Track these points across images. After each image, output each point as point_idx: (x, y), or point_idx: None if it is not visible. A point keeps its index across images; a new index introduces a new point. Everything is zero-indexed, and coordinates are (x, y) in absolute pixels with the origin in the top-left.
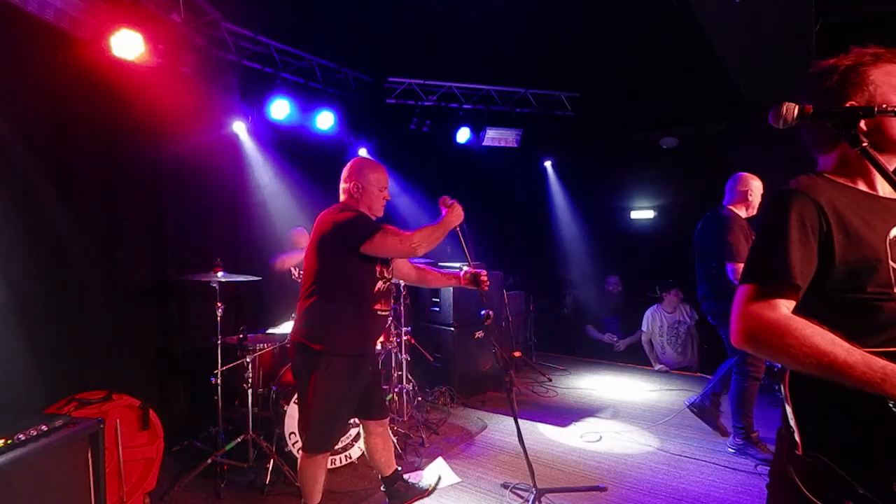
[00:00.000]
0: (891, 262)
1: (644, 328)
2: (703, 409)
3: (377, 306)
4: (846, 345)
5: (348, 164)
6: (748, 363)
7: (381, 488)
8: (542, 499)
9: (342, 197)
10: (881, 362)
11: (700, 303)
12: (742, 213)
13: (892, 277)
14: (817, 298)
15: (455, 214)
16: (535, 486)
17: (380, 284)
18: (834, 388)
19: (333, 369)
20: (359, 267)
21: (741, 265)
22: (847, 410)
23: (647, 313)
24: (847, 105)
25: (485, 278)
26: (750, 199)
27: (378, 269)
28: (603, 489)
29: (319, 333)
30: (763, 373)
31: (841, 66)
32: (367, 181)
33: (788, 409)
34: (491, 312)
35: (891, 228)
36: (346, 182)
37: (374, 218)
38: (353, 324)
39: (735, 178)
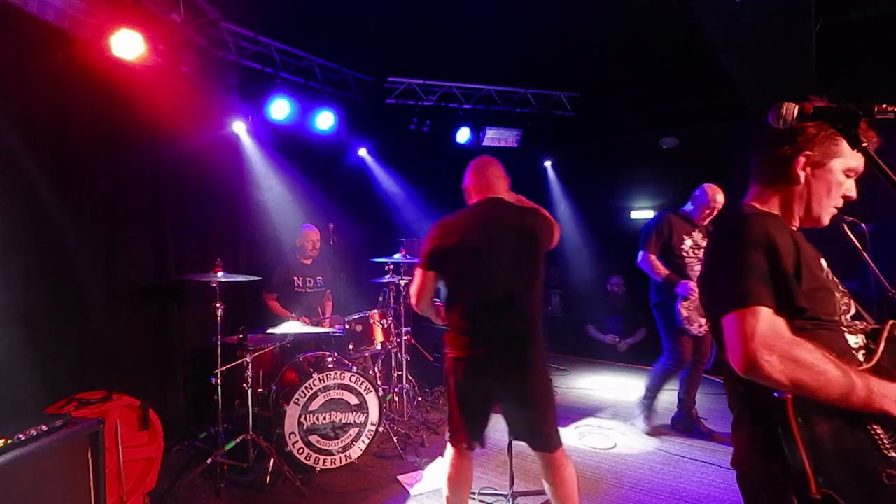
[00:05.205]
0: (836, 294)
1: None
2: (681, 422)
3: None
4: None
5: (494, 160)
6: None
7: None
8: (518, 500)
9: (502, 192)
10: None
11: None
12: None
13: (837, 308)
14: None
15: None
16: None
17: None
18: (842, 420)
19: None
20: None
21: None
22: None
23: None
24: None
25: None
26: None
27: None
28: None
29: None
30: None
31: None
32: None
33: (794, 445)
34: None
35: (820, 260)
36: (504, 178)
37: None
38: None
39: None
